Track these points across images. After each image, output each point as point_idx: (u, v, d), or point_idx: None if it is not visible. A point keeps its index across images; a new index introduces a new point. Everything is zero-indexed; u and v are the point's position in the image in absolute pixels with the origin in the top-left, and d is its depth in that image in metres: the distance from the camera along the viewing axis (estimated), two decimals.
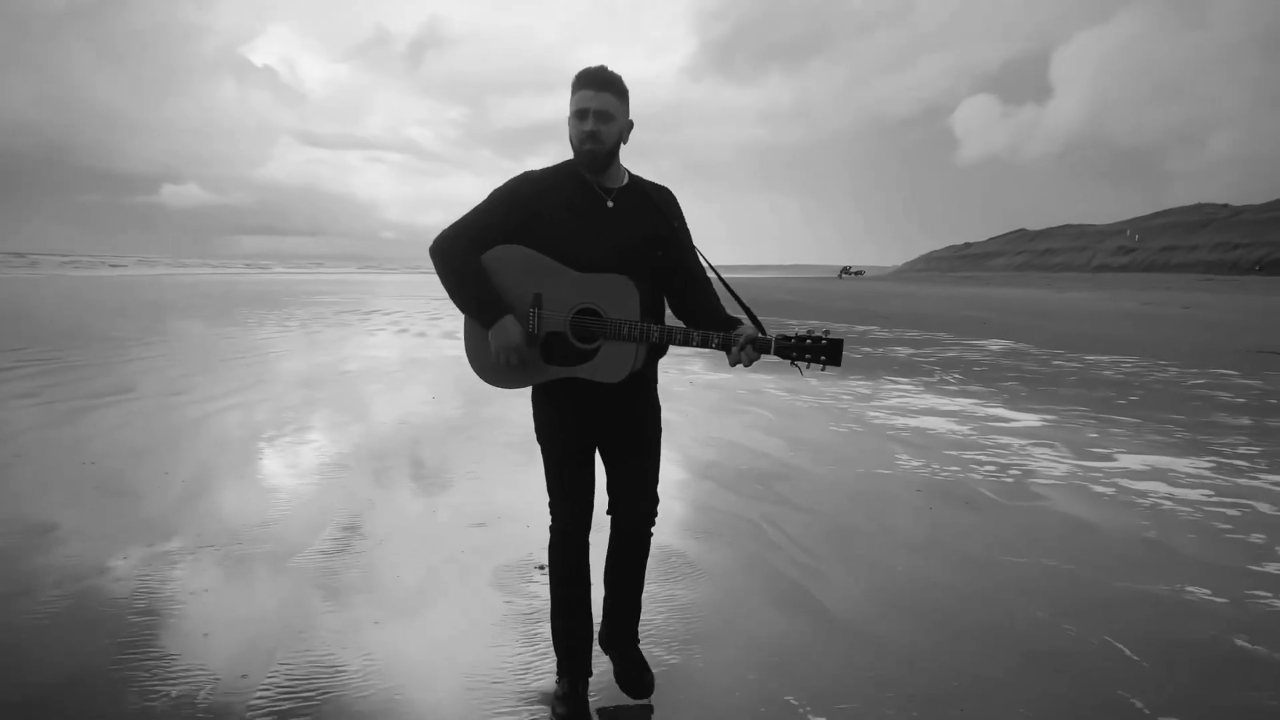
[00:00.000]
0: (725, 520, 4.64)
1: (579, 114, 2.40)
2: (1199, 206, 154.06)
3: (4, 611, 3.28)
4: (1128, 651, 3.14)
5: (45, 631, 3.12)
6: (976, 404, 8.90)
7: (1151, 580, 3.87)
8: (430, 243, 2.48)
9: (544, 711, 2.65)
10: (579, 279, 2.39)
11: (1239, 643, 3.24)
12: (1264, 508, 5.08)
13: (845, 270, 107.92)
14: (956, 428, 7.51)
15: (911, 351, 14.70)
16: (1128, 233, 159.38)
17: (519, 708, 2.68)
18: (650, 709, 2.70)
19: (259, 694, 2.70)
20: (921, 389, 10.01)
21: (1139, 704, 2.75)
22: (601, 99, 2.39)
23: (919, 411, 8.34)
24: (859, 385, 10.19)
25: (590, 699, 2.69)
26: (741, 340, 2.34)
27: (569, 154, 2.49)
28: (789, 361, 2.37)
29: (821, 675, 2.93)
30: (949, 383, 10.64)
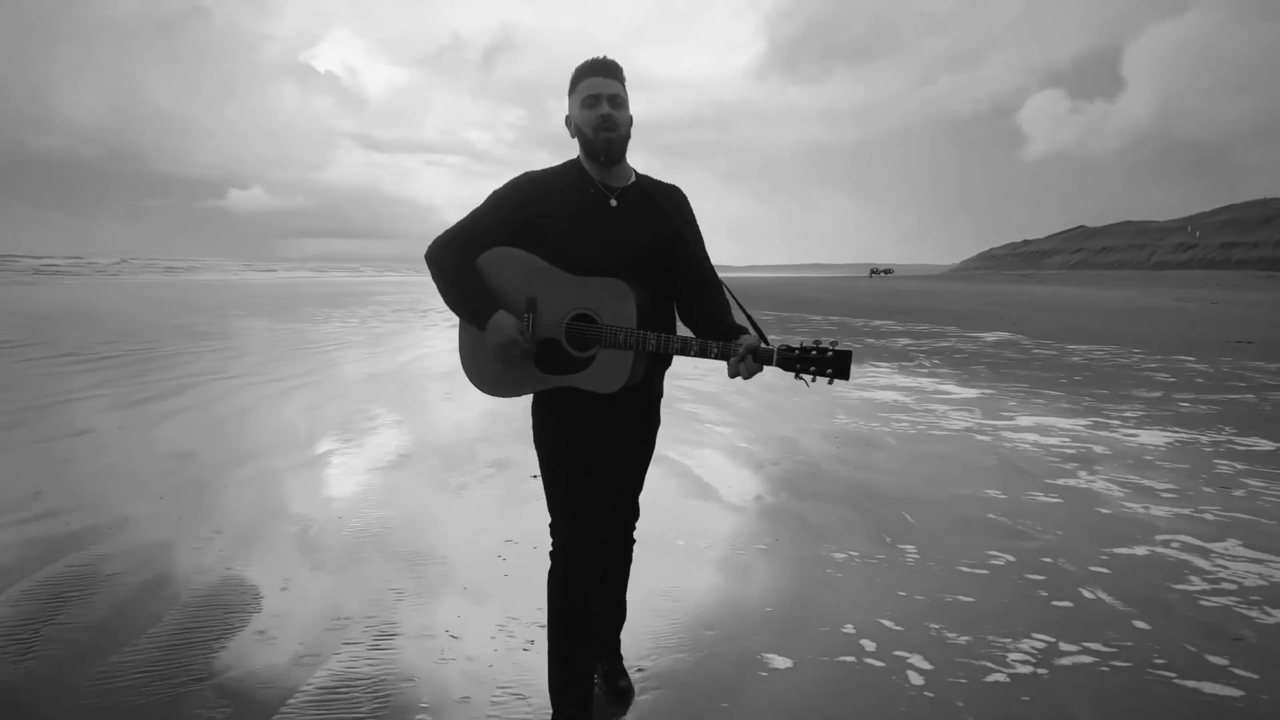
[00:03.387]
0: (685, 449, 6.27)
1: (590, 100, 2.33)
2: (1263, 201, 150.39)
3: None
4: (909, 518, 4.72)
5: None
6: (934, 382, 10.40)
7: (962, 486, 5.43)
8: (426, 248, 2.45)
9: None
10: (575, 283, 2.32)
11: (990, 516, 4.79)
12: (1098, 449, 6.55)
13: (874, 270, 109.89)
14: (901, 398, 9.03)
15: (909, 342, 16.13)
16: (1188, 229, 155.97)
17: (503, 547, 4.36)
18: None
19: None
20: (895, 370, 11.51)
21: (888, 540, 4.35)
22: (611, 85, 2.33)
23: (879, 387, 9.87)
24: None
25: None
26: (741, 350, 2.22)
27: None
28: (793, 374, 2.24)
29: (716, 527, 4.56)
30: (924, 366, 12.12)
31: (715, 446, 6.48)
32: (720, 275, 2.53)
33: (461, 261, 2.37)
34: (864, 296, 37.04)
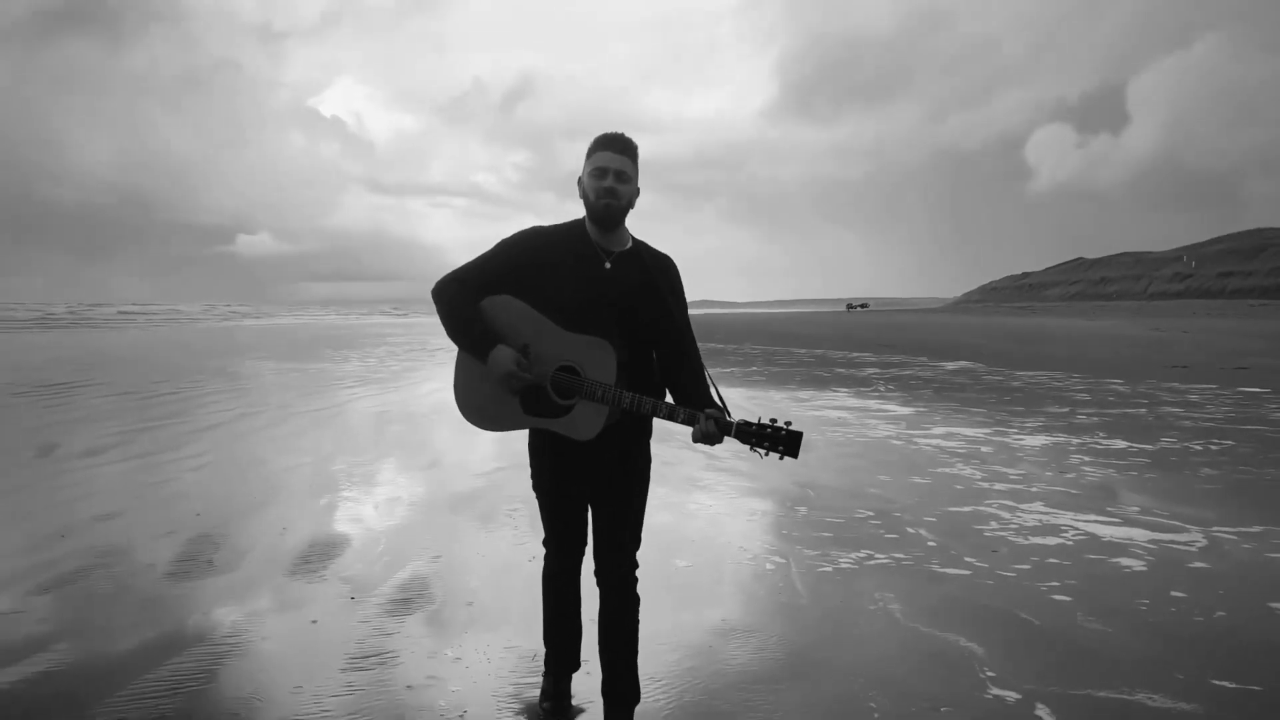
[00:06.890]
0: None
1: (599, 172, 2.55)
2: (1258, 231, 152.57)
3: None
4: (810, 493, 6.38)
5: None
6: (879, 403, 12.08)
7: (859, 475, 7.09)
8: (433, 285, 2.62)
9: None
10: (564, 337, 2.52)
11: (870, 490, 6.46)
12: (985, 449, 8.22)
13: (851, 305, 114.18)
14: (845, 415, 10.71)
15: (875, 371, 17.84)
16: (1184, 259, 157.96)
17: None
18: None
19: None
20: (850, 394, 13.21)
21: (788, 504, 6.02)
22: (621, 161, 2.56)
23: (831, 407, 11.55)
24: (805, 392, 13.48)
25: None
26: (706, 421, 2.50)
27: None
28: (749, 447, 2.51)
29: (666, 497, 6.22)
30: (877, 391, 13.81)
31: (682, 446, 8.17)
32: (724, 311, 3.55)
33: (467, 300, 2.59)
34: (850, 330, 38.81)
